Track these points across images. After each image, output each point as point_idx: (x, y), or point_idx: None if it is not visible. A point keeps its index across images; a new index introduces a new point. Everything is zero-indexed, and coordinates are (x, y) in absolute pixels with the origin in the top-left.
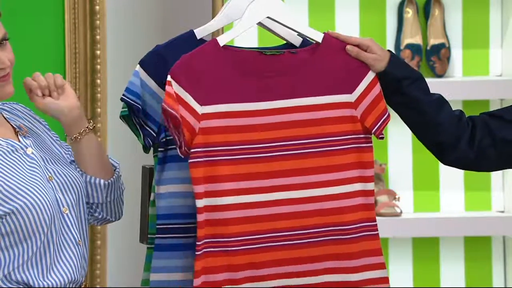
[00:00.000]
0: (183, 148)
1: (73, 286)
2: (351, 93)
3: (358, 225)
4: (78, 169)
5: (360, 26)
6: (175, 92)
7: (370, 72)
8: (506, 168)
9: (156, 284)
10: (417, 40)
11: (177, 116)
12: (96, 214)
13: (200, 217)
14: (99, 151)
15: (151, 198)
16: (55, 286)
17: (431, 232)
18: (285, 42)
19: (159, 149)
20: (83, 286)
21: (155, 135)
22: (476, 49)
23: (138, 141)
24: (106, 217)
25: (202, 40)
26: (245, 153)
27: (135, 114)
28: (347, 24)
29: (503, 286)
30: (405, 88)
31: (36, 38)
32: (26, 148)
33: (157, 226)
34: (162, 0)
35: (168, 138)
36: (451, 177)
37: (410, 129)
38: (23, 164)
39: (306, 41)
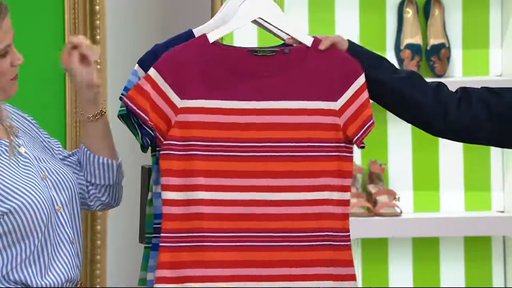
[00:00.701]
0: (157, 139)
1: (70, 286)
2: (336, 100)
3: (325, 233)
4: (88, 151)
5: (360, 26)
6: (155, 83)
7: (359, 79)
8: (500, 145)
9: (153, 284)
10: (417, 40)
11: (138, 112)
12: (103, 198)
13: (168, 210)
14: (110, 134)
15: (148, 198)
16: (52, 285)
17: (431, 232)
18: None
19: (158, 148)
20: (79, 286)
21: (153, 134)
22: (476, 49)
23: (137, 141)
24: (110, 201)
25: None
26: (222, 150)
27: (133, 113)
28: (347, 24)
29: (503, 286)
30: (371, 76)
31: (36, 38)
32: (19, 147)
33: (154, 226)
34: (162, 0)
35: None
36: (451, 177)
37: (392, 112)
38: (16, 163)
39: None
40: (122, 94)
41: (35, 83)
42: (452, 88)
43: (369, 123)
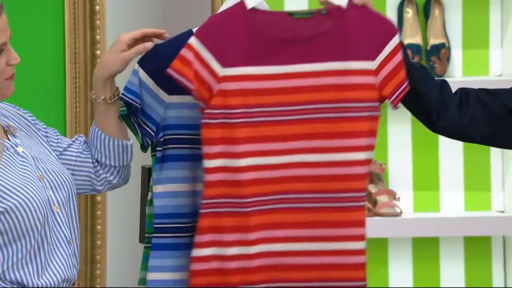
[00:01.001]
0: (200, 108)
1: (67, 286)
2: (373, 60)
3: (350, 195)
4: (102, 133)
5: None
6: (196, 52)
7: (394, 39)
8: (498, 146)
9: (153, 284)
10: (417, 40)
11: (184, 82)
12: (112, 178)
13: (211, 177)
14: None
15: (148, 198)
16: (49, 285)
17: (431, 232)
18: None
19: (157, 148)
20: (75, 286)
21: (153, 134)
22: (476, 49)
23: (137, 141)
24: (120, 182)
25: None
26: (263, 115)
27: (133, 113)
28: None
29: (503, 286)
30: None
31: (36, 38)
32: (17, 146)
33: (154, 225)
34: (162, 0)
35: (166, 137)
36: (451, 177)
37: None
38: (14, 163)
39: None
40: (122, 94)
41: (35, 83)
42: (453, 88)
43: (405, 84)
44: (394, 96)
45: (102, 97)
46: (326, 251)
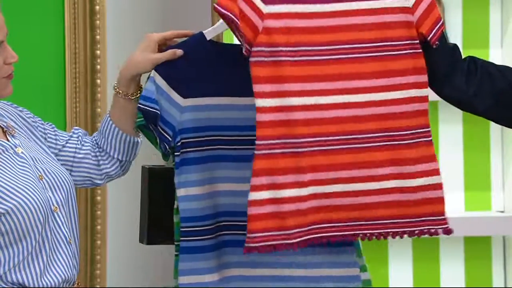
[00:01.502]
0: (244, 49)
1: (67, 286)
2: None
3: (413, 131)
4: (116, 128)
5: None
6: None
7: None
8: (499, 121)
9: (184, 286)
10: None
11: (230, 16)
12: (113, 172)
13: (262, 117)
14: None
15: (175, 206)
16: (50, 286)
17: None
18: None
19: (176, 153)
20: (75, 286)
21: (170, 139)
22: (476, 49)
23: (157, 150)
24: (119, 174)
25: (211, 41)
26: (308, 54)
27: (153, 121)
28: None
29: (503, 286)
30: None
31: (36, 38)
32: (16, 147)
33: (181, 229)
34: (162, 0)
35: (184, 140)
36: (451, 177)
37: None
38: (14, 164)
39: None
40: (139, 103)
41: (35, 83)
42: None
43: (440, 23)
44: (432, 33)
45: (124, 92)
46: (399, 188)
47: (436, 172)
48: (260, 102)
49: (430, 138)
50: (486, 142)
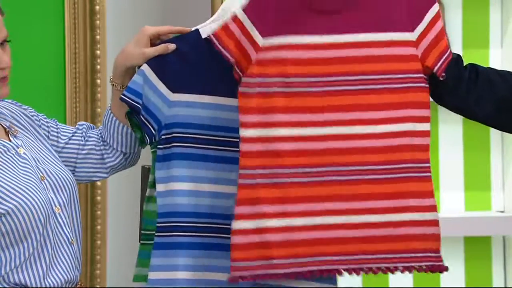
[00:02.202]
0: (234, 71)
1: (69, 286)
2: (412, 31)
3: (411, 165)
4: (117, 121)
5: None
6: (241, 24)
7: (434, 7)
8: (499, 127)
9: (154, 283)
10: None
11: (226, 55)
12: (119, 164)
13: (245, 147)
14: None
15: (147, 194)
16: (52, 287)
17: None
18: None
19: (159, 146)
20: (78, 286)
21: (154, 132)
22: (476, 49)
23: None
24: (125, 166)
25: (206, 39)
26: (300, 86)
27: (136, 113)
28: None
29: (503, 286)
30: None
31: (36, 38)
32: (18, 148)
33: (158, 224)
34: (162, 0)
35: (168, 135)
36: (451, 177)
37: None
38: (15, 164)
39: None
40: (123, 94)
41: (35, 83)
42: None
43: (447, 54)
44: (437, 66)
45: (120, 84)
46: (394, 222)
47: (433, 208)
48: (244, 132)
49: (429, 174)
50: (486, 142)
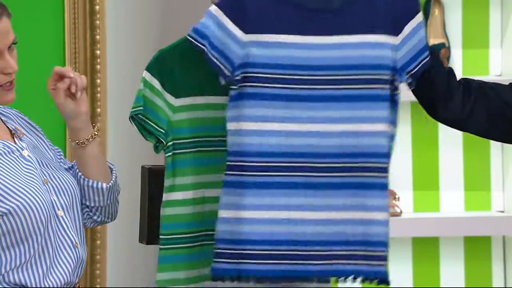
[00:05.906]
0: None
1: (67, 287)
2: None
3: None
4: (79, 173)
5: None
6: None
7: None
8: (495, 139)
9: (224, 221)
10: None
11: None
12: (95, 217)
13: None
14: (101, 155)
15: (164, 199)
16: (52, 286)
17: (431, 232)
18: None
19: (233, 86)
20: (77, 286)
21: (228, 73)
22: (476, 49)
23: (137, 142)
24: (104, 219)
25: None
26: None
27: (208, 54)
28: None
29: (503, 286)
30: None
31: (36, 38)
32: (22, 150)
33: (227, 163)
34: (162, 0)
35: (245, 74)
36: (451, 177)
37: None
38: (19, 166)
39: None
40: (188, 34)
41: (35, 84)
42: None
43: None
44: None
45: (75, 141)
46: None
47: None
48: None
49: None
50: (486, 142)
